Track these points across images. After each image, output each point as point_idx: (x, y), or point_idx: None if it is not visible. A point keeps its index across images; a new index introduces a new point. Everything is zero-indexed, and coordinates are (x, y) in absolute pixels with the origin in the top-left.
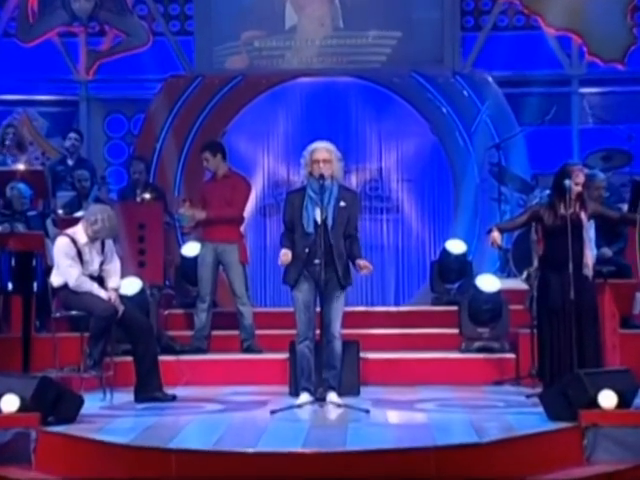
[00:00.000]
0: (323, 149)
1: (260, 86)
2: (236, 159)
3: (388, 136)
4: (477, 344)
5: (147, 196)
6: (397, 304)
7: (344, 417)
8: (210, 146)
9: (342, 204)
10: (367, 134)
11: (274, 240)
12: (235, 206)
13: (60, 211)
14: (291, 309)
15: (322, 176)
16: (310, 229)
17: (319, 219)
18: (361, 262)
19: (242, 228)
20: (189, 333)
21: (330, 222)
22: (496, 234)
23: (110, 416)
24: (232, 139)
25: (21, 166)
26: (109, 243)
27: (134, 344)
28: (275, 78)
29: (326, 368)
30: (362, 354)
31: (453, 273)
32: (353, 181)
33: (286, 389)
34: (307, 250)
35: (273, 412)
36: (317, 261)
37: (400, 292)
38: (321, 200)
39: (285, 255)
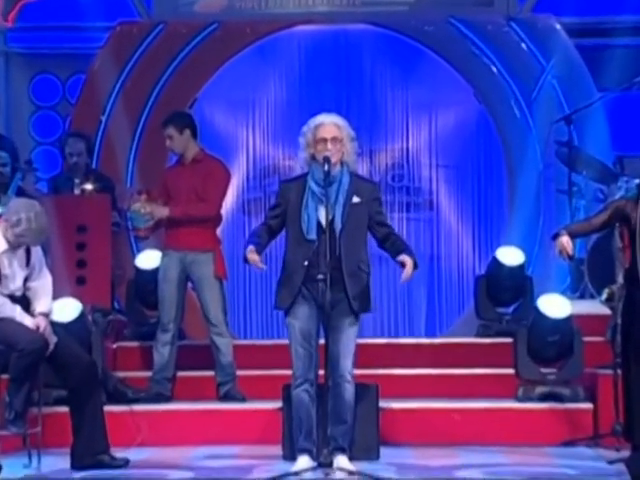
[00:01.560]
0: (331, 124)
1: (243, 37)
2: (210, 137)
3: (418, 106)
4: (540, 390)
5: (89, 187)
6: (430, 335)
7: None
8: (175, 119)
9: (355, 200)
10: (389, 103)
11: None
12: (209, 201)
13: None
14: (285, 341)
15: (328, 161)
16: (312, 235)
17: (323, 221)
18: (405, 259)
19: (218, 231)
20: (146, 374)
21: (339, 225)
22: (566, 239)
23: None
24: (205, 109)
25: None
26: (37, 252)
27: (71, 389)
28: (263, 26)
29: (333, 422)
30: (382, 403)
31: (507, 292)
32: (370, 168)
33: (278, 450)
34: (306, 263)
35: None
36: (320, 276)
37: (434, 318)
38: (326, 195)
39: (251, 253)
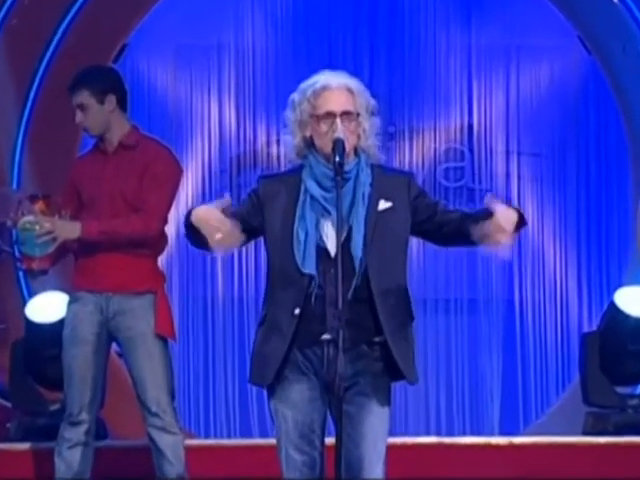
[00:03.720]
0: (341, 89)
1: None
2: (151, 108)
3: (487, 57)
4: None
5: None
6: (508, 432)
7: None
8: (91, 80)
9: (384, 205)
10: (440, 54)
11: (234, 285)
12: (147, 211)
13: None
14: (270, 441)
15: (341, 147)
16: (310, 267)
17: (331, 244)
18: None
19: (161, 261)
20: None
21: (359, 249)
22: None
23: None
24: (141, 64)
25: None
26: None
27: None
28: None
29: None
30: None
31: (632, 361)
32: (409, 158)
33: None
34: (297, 311)
35: None
36: (326, 336)
37: (514, 405)
38: (337, 201)
39: (205, 214)
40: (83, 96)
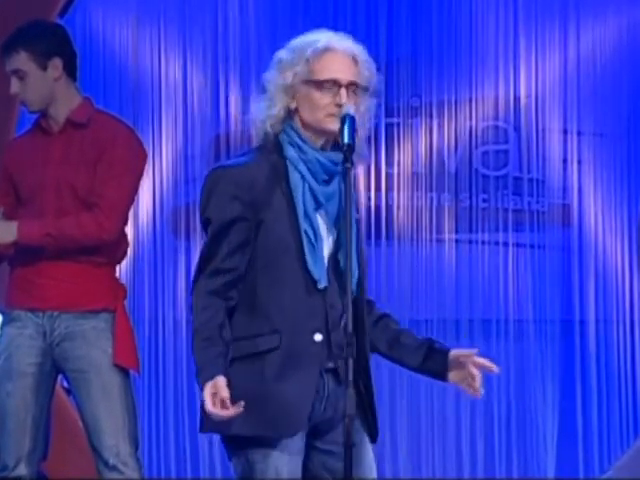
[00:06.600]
0: (346, 54)
1: None
2: (107, 77)
3: (538, 9)
4: None
5: None
6: None
7: None
8: (30, 39)
9: (355, 215)
10: (478, 4)
11: None
12: (103, 208)
13: None
14: None
15: (352, 123)
16: (325, 280)
17: (328, 250)
18: (462, 352)
19: (120, 270)
20: None
21: (354, 260)
22: None
23: None
24: (94, 17)
25: None
26: None
27: None
28: None
29: None
30: None
31: None
32: (438, 139)
33: None
34: (320, 338)
35: None
36: (330, 365)
37: (574, 456)
38: (345, 196)
39: (215, 393)
40: (20, 60)
